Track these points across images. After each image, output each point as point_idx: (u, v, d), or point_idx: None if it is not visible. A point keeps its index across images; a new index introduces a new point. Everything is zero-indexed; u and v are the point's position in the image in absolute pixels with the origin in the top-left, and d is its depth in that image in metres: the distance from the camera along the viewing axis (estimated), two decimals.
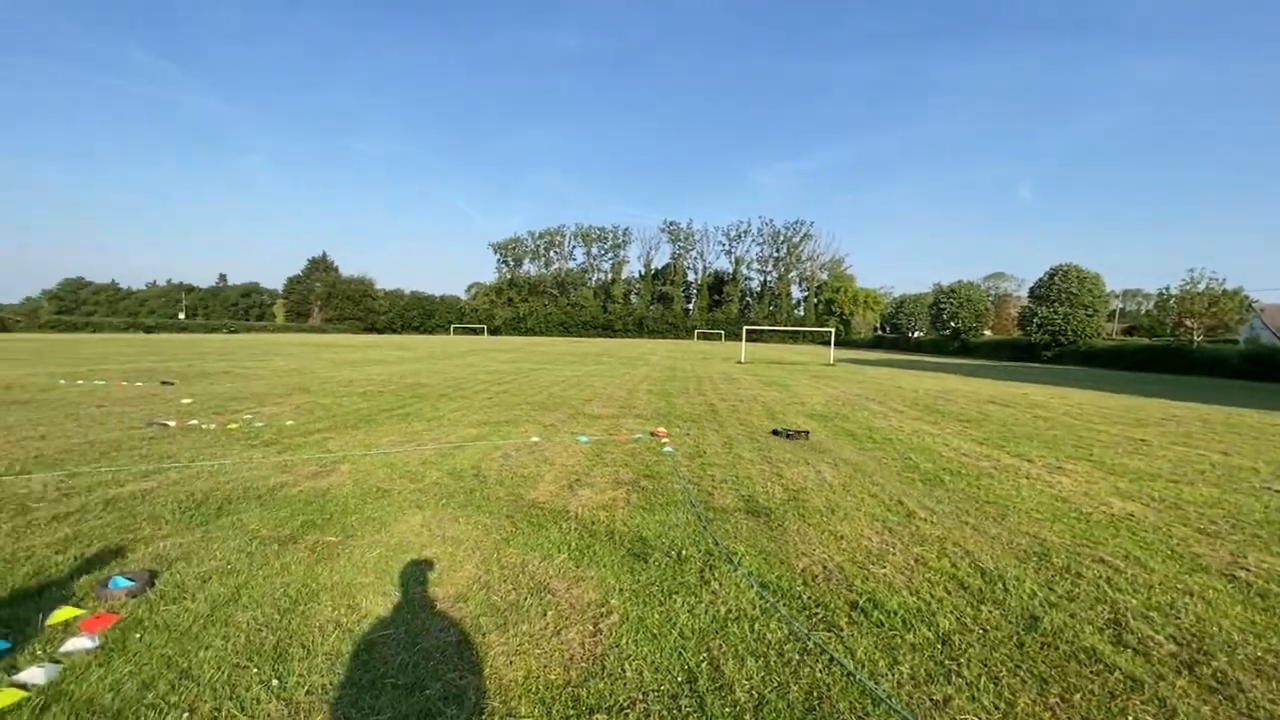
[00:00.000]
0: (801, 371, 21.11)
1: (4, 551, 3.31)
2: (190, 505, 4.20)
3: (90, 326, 60.68)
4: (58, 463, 5.30)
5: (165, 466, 5.28)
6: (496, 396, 11.07)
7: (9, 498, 4.26)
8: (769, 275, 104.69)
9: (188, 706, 2.06)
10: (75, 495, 4.37)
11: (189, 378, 13.20)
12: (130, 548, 3.43)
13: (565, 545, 3.65)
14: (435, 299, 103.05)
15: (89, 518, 3.91)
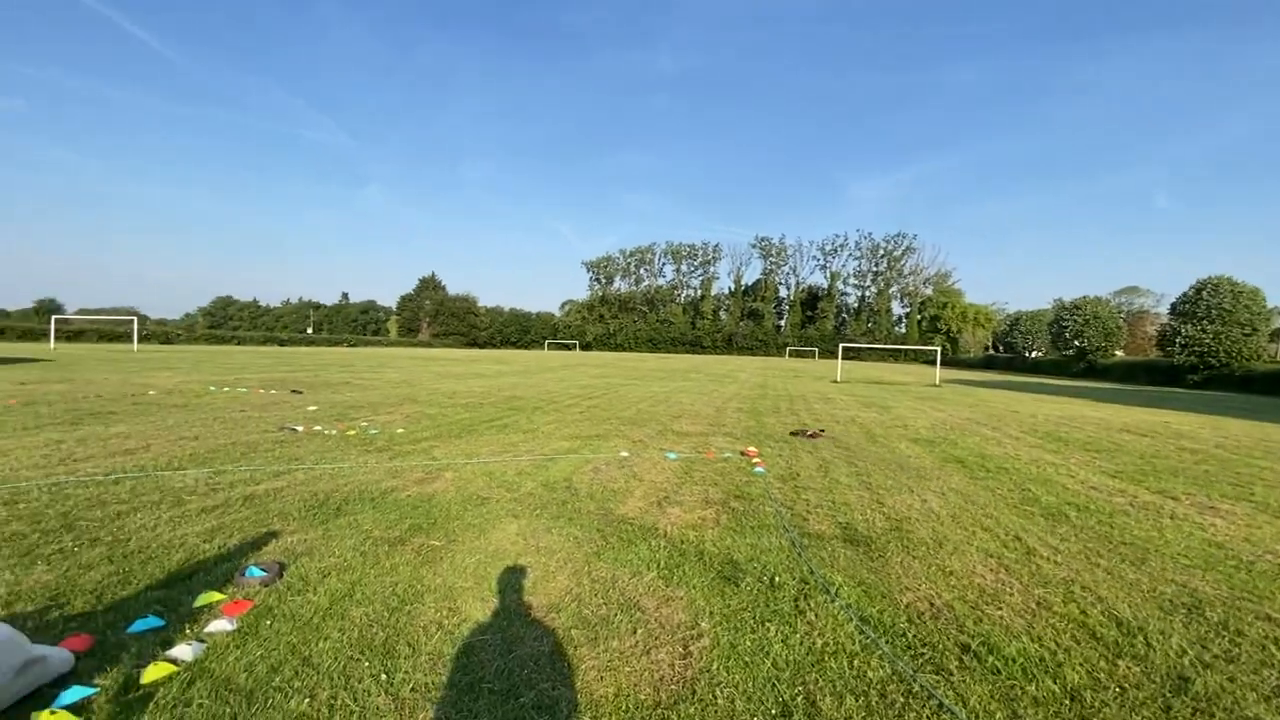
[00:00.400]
0: (903, 392, 20.00)
1: (163, 538, 3.76)
2: (314, 504, 4.59)
3: (235, 339, 68.40)
4: (207, 461, 5.98)
5: (293, 468, 5.81)
6: (587, 411, 11.31)
7: (169, 491, 4.85)
8: (867, 290, 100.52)
9: (309, 692, 2.23)
10: (220, 491, 4.90)
11: (314, 387, 14.51)
12: (263, 541, 3.78)
13: (655, 563, 3.64)
14: (531, 315, 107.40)
15: (231, 511, 4.36)
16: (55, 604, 2.84)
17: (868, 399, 16.55)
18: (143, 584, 3.09)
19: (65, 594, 2.95)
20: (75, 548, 3.54)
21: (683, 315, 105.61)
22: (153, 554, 3.48)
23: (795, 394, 17.42)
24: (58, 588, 3.01)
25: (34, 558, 3.37)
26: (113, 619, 2.70)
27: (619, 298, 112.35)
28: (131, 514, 4.19)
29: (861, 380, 27.16)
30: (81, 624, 2.65)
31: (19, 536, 3.68)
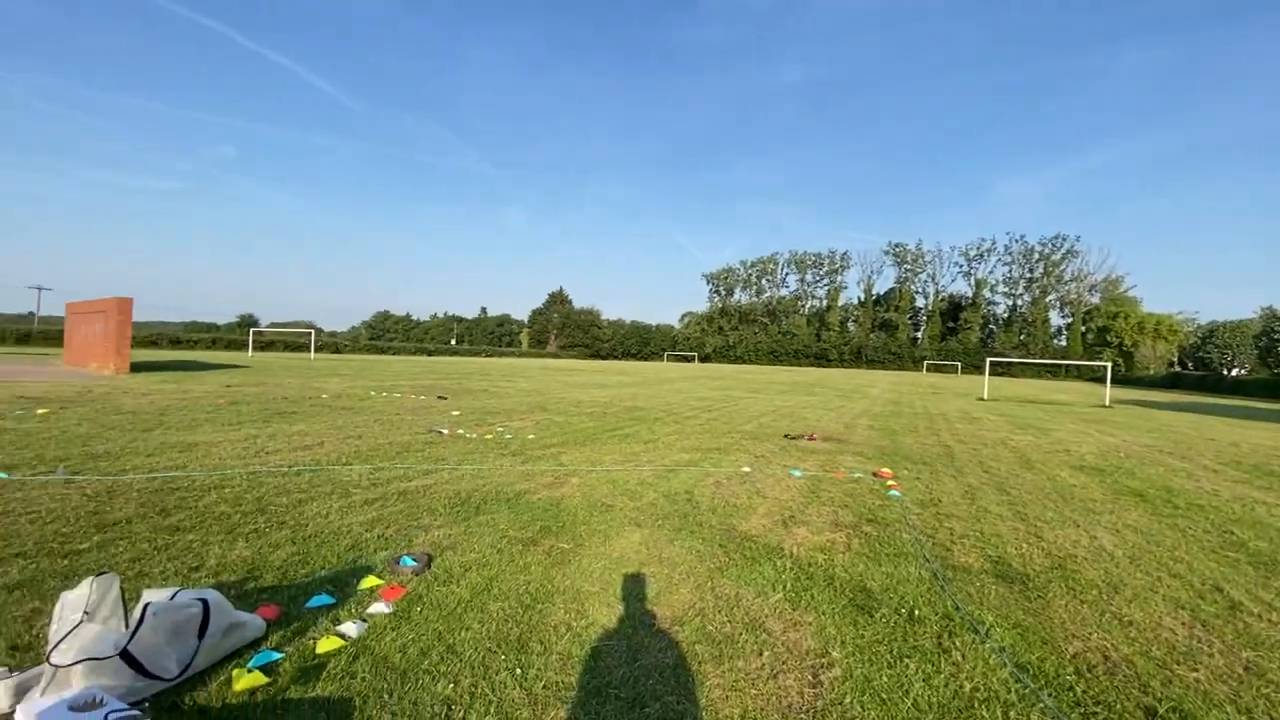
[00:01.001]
0: (1065, 413, 17.81)
1: (333, 525, 4.25)
2: (457, 502, 4.96)
3: (391, 350, 76.28)
4: (369, 458, 6.68)
5: (439, 467, 6.33)
6: (708, 423, 11.25)
7: (338, 483, 5.48)
8: (1020, 299, 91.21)
9: (453, 678, 2.39)
10: (379, 485, 5.45)
11: (457, 394, 15.76)
12: (414, 534, 4.15)
13: (780, 584, 3.52)
14: (651, 328, 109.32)
15: (388, 505, 4.84)
16: (251, 576, 3.31)
17: (1021, 419, 14.92)
18: (317, 565, 3.50)
19: (258, 568, 3.42)
20: (266, 529, 4.10)
21: (807, 327, 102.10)
22: (325, 539, 3.95)
23: (935, 412, 16.13)
24: (253, 562, 3.50)
25: (235, 535, 3.95)
26: (294, 594, 3.09)
27: (739, 309, 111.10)
28: (309, 502, 4.79)
29: (1012, 398, 24.56)
30: (270, 596, 3.06)
31: (225, 516, 4.34)
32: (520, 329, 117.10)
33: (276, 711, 2.12)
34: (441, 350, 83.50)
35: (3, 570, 3.21)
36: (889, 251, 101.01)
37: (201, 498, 4.77)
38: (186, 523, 4.15)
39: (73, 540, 3.71)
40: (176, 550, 3.63)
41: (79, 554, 3.50)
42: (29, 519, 4.07)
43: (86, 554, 3.51)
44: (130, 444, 6.87)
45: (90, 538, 3.77)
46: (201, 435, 7.65)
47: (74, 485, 5.00)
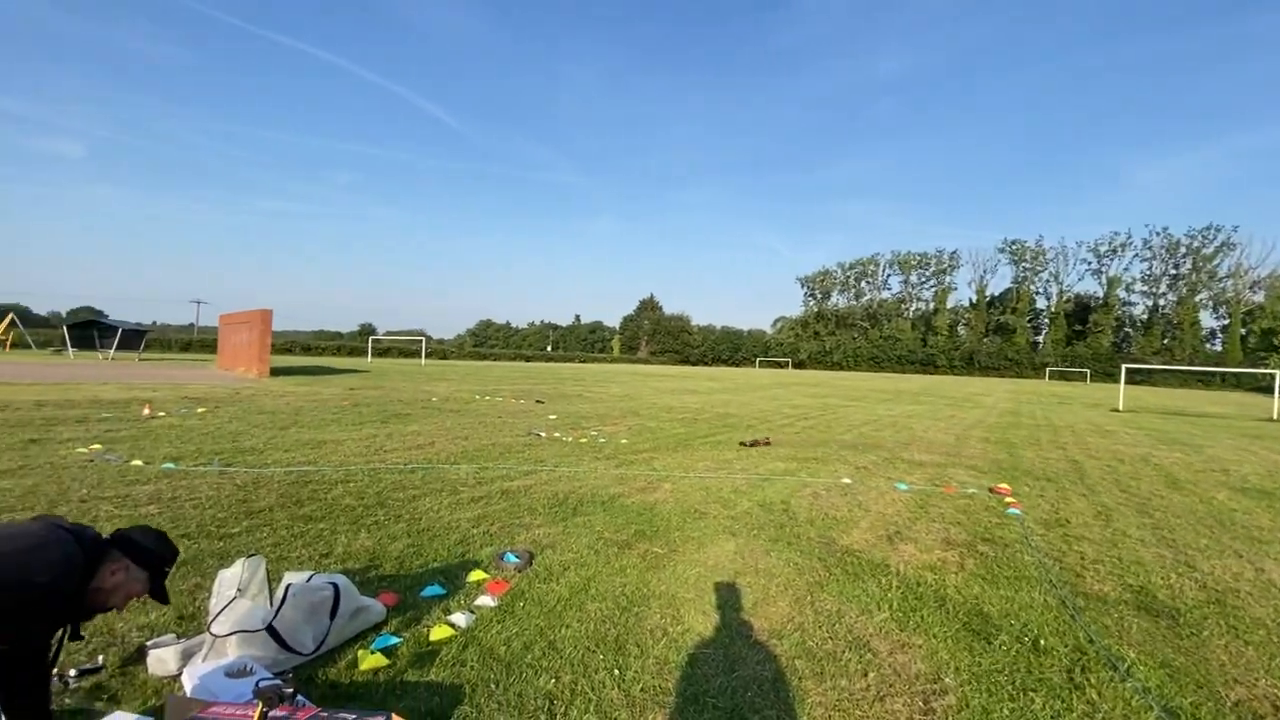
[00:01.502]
0: (1220, 427, 15.67)
1: (444, 521, 4.51)
2: (555, 503, 5.12)
3: (492, 356, 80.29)
4: (475, 458, 7.06)
5: (539, 469, 6.56)
6: (803, 432, 10.91)
7: (447, 481, 5.82)
8: (1162, 298, 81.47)
9: (554, 673, 2.46)
10: (484, 484, 5.74)
11: (553, 398, 16.31)
12: (516, 531, 4.32)
13: (886, 603, 3.33)
14: (742, 333, 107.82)
15: (492, 503, 5.08)
16: (373, 565, 3.58)
17: (1165, 434, 13.29)
18: (430, 557, 3.74)
19: (379, 558, 3.69)
20: (385, 521, 4.43)
21: (911, 331, 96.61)
22: (437, 533, 4.20)
23: (1060, 423, 14.72)
24: (374, 552, 3.79)
25: (359, 526, 4.30)
26: (410, 583, 3.31)
27: (836, 313, 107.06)
28: (423, 498, 5.12)
29: (1154, 410, 21.93)
30: (389, 584, 3.29)
31: (350, 509, 4.73)
32: (612, 335, 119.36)
33: (396, 692, 2.28)
34: (538, 356, 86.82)
35: None
36: (1004, 249, 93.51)
37: (330, 490, 5.24)
38: (317, 513, 4.57)
39: (226, 525, 4.19)
40: (310, 538, 4.00)
41: (231, 537, 3.95)
42: (192, 504, 4.64)
43: (237, 537, 3.95)
44: (271, 440, 7.67)
45: (240, 523, 4.24)
46: (329, 434, 8.41)
47: (226, 476, 5.65)
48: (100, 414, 9.36)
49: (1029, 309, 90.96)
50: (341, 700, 2.20)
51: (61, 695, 2.15)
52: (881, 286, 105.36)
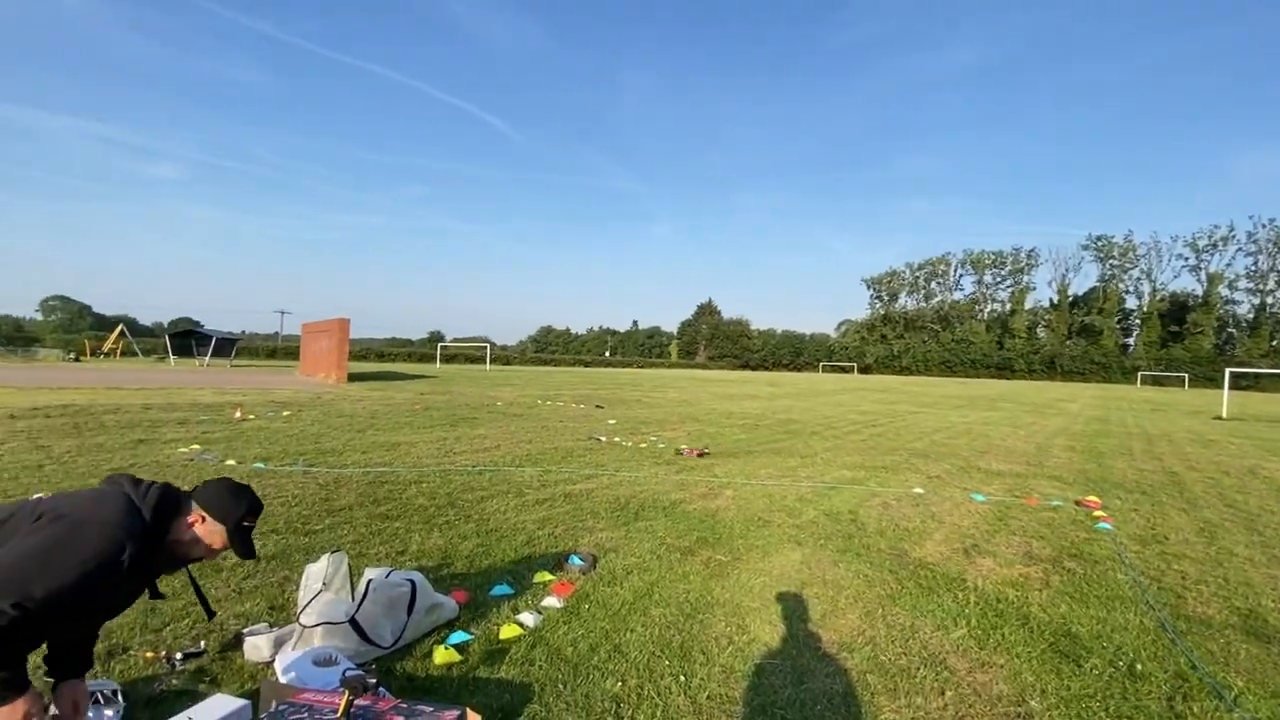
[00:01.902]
0: None
1: (511, 522, 4.63)
2: (617, 507, 5.16)
3: (553, 361, 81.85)
4: (538, 461, 7.20)
5: (599, 473, 6.63)
6: (871, 439, 10.55)
7: (513, 484, 5.96)
8: (1270, 295, 74.19)
9: (620, 676, 2.48)
10: (548, 487, 5.85)
11: (612, 403, 16.45)
12: (579, 534, 4.38)
13: (964, 618, 3.17)
14: (805, 337, 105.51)
15: (555, 506, 5.17)
16: (445, 563, 3.71)
17: (1276, 444, 12.07)
18: (498, 557, 3.84)
19: (450, 556, 3.83)
20: (456, 521, 4.59)
21: (986, 334, 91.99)
22: (504, 534, 4.31)
23: (1155, 432, 13.63)
24: (445, 551, 3.93)
25: (431, 525, 4.46)
26: (479, 582, 3.41)
27: (905, 315, 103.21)
28: (490, 499, 5.27)
29: (1263, 418, 19.95)
30: (460, 582, 3.40)
31: (423, 508, 4.92)
32: (670, 340, 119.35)
33: (468, 687, 2.35)
34: (597, 362, 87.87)
35: (262, 544, 3.93)
36: (1088, 245, 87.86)
37: (404, 490, 5.47)
38: (393, 512, 4.78)
39: (310, 521, 4.45)
40: (386, 535, 4.19)
41: (315, 533, 4.18)
42: (280, 502, 4.95)
43: (320, 534, 4.18)
44: (349, 442, 8.09)
45: (323, 520, 4.49)
46: (403, 436, 8.79)
47: (310, 475, 6.00)
48: (198, 416, 10.14)
49: (1117, 309, 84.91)
50: (418, 693, 2.29)
51: (169, 676, 2.33)
52: (953, 287, 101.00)
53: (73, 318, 74.75)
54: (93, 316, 74.61)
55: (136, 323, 71.08)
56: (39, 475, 5.52)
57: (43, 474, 5.58)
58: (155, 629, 2.69)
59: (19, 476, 5.44)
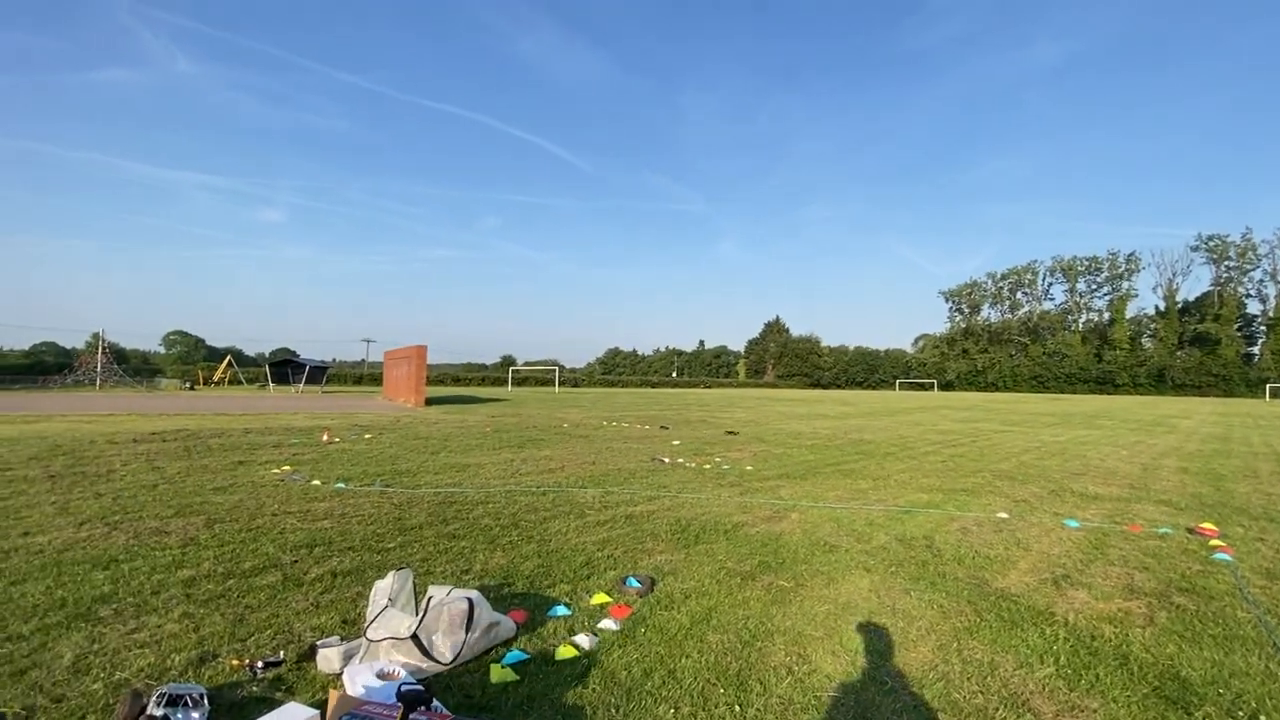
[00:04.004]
0: None
1: (571, 543, 4.68)
2: (677, 529, 5.11)
3: (620, 383, 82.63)
4: (600, 482, 7.26)
5: (662, 494, 6.60)
6: (950, 460, 9.97)
7: (575, 504, 6.03)
8: None
9: (673, 703, 2.43)
10: (609, 508, 5.87)
11: (677, 424, 16.39)
12: (639, 556, 4.37)
13: (1051, 656, 2.92)
14: (879, 353, 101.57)
15: (616, 527, 5.18)
16: (506, 582, 3.79)
17: None
18: (557, 577, 3.88)
19: (511, 576, 3.90)
20: (519, 541, 4.68)
21: (1082, 345, 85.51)
22: (564, 554, 4.36)
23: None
24: (507, 570, 4.01)
25: (494, 545, 4.58)
26: (538, 602, 3.45)
27: (988, 328, 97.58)
28: (552, 520, 5.35)
29: None
30: (520, 601, 3.46)
31: (488, 528, 5.06)
32: (736, 360, 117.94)
33: (522, 707, 2.37)
34: (664, 383, 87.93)
35: (340, 560, 4.16)
36: (1199, 247, 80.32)
37: (471, 510, 5.65)
38: (460, 531, 4.94)
39: (384, 540, 4.66)
40: (453, 554, 4.33)
41: (387, 551, 4.38)
42: (357, 520, 5.22)
43: (392, 551, 4.37)
44: (423, 463, 8.45)
45: (395, 538, 4.69)
46: (473, 458, 9.10)
47: (386, 495, 6.30)
48: (291, 439, 10.90)
49: (1237, 315, 76.81)
50: (473, 710, 2.34)
51: (250, 683, 2.49)
52: (1042, 297, 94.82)
53: (189, 350, 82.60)
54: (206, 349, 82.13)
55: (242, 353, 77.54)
56: (153, 494, 6.08)
57: (156, 493, 6.14)
58: (241, 638, 2.89)
59: (137, 495, 6.02)
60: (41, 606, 3.22)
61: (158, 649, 2.76)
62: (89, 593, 3.43)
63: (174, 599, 3.36)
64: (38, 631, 2.92)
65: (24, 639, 2.84)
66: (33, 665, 2.59)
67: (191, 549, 4.29)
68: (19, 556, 4.04)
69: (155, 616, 3.12)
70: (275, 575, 3.79)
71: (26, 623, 3.02)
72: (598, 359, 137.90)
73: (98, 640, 2.84)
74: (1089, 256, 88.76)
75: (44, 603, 3.27)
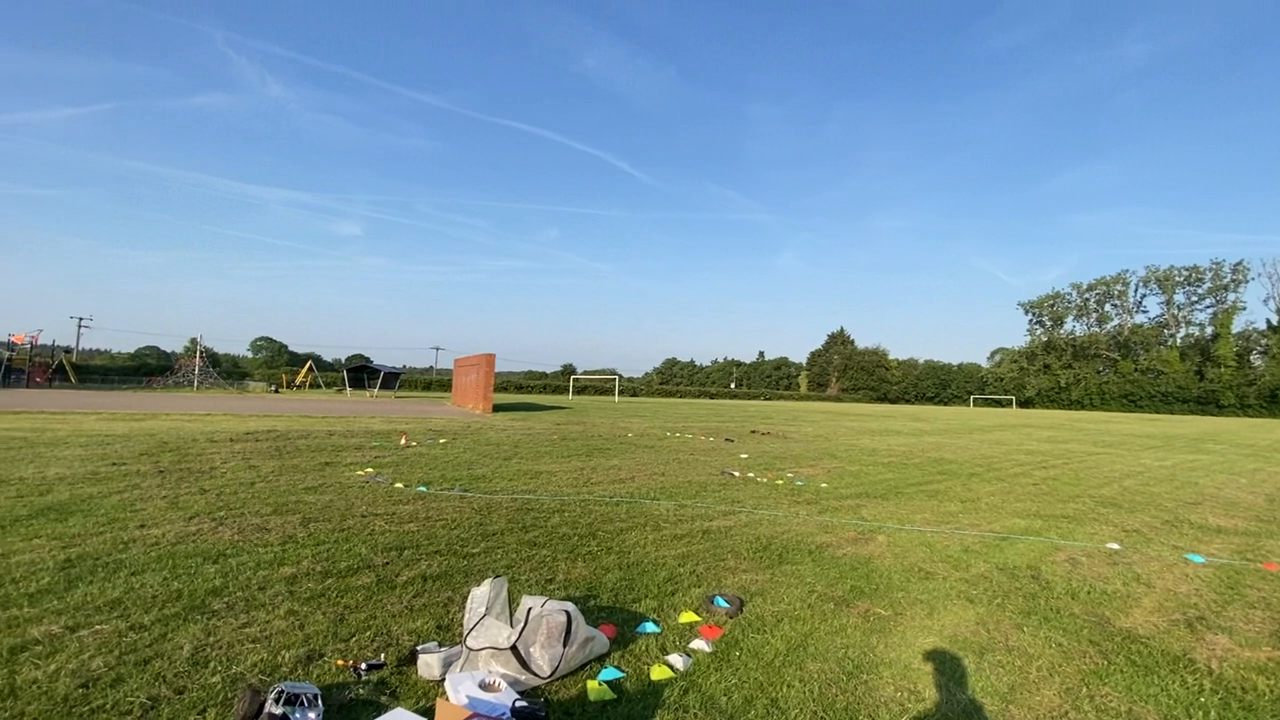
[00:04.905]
0: None
1: (650, 556, 4.60)
2: (758, 547, 4.96)
3: (678, 393, 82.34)
4: (672, 494, 7.17)
5: (736, 509, 6.44)
6: (1043, 483, 9.32)
7: (649, 516, 5.97)
8: None
9: None
10: (684, 522, 5.77)
11: (742, 437, 16.10)
12: (722, 574, 4.24)
13: (1200, 709, 2.61)
14: (952, 368, 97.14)
15: (694, 542, 5.07)
16: (590, 594, 3.75)
17: None
18: (641, 592, 3.81)
19: (595, 588, 3.86)
20: (598, 552, 4.65)
21: (1181, 362, 78.92)
22: (645, 568, 4.29)
23: None
24: (590, 582, 3.97)
25: (575, 555, 4.56)
26: (625, 618, 3.39)
27: (1073, 342, 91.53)
28: (628, 531, 5.30)
29: None
30: (607, 616, 3.41)
31: (566, 537, 5.06)
32: (798, 372, 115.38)
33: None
34: (723, 394, 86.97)
35: (428, 564, 4.24)
36: None
37: (549, 519, 5.67)
38: (540, 539, 4.96)
39: (468, 545, 4.73)
40: (535, 563, 4.34)
41: (472, 556, 4.44)
42: (441, 525, 5.33)
43: (477, 557, 4.43)
44: (497, 469, 8.61)
45: (479, 544, 4.76)
46: (543, 465, 9.20)
47: (465, 500, 6.43)
48: (371, 442, 11.36)
49: None
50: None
51: (356, 685, 2.54)
52: (1134, 309, 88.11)
53: (274, 355, 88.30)
54: (289, 354, 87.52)
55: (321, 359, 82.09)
56: (252, 492, 6.43)
57: (254, 490, 6.49)
58: (345, 638, 2.96)
59: (237, 492, 6.38)
60: (160, 598, 3.41)
61: (268, 645, 2.86)
62: (201, 585, 3.61)
63: (279, 595, 3.50)
64: (157, 622, 3.08)
65: (145, 629, 3.00)
66: (155, 655, 2.73)
67: (291, 546, 4.48)
68: (137, 548, 4.31)
69: (263, 612, 3.25)
70: (369, 576, 3.89)
71: (148, 613, 3.20)
72: (655, 369, 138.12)
73: (212, 633, 2.97)
74: (1188, 266, 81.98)
75: (162, 594, 3.47)
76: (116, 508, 5.44)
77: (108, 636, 2.88)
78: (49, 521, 4.90)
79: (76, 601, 3.29)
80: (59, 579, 3.61)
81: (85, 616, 3.10)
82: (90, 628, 2.97)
